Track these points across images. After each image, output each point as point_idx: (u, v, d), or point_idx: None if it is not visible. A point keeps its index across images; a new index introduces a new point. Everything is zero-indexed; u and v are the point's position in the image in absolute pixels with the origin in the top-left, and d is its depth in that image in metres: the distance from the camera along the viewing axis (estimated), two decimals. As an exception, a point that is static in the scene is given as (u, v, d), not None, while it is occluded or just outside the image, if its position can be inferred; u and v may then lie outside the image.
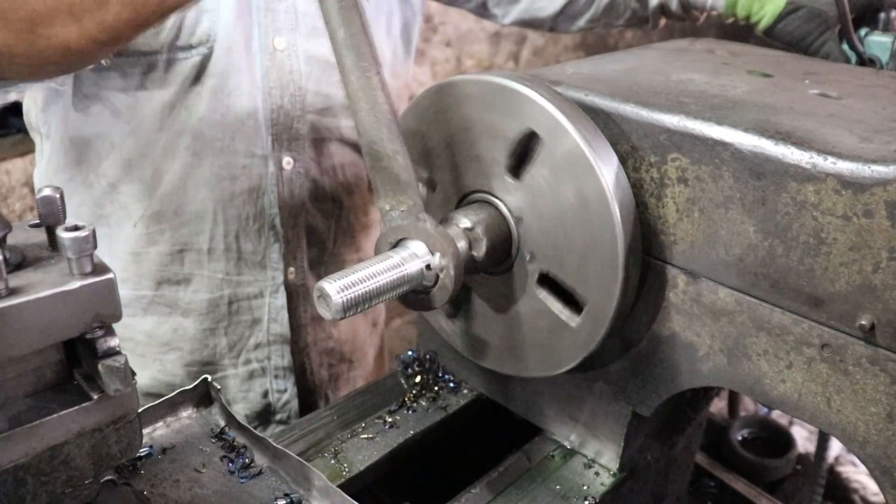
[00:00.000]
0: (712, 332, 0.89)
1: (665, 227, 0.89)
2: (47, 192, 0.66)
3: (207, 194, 1.30)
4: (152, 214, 1.32)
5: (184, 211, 1.32)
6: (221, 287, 1.38)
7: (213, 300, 1.38)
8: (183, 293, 1.38)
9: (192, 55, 1.22)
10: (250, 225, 1.34)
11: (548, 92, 0.88)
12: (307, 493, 0.89)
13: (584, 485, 1.04)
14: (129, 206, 1.32)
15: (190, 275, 1.37)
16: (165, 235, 1.33)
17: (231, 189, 1.31)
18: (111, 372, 0.65)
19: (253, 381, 1.46)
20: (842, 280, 0.77)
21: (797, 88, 0.99)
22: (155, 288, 1.38)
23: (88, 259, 0.62)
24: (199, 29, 1.21)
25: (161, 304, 1.39)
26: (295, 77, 1.30)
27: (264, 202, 1.33)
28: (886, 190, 0.72)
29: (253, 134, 1.28)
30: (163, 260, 1.35)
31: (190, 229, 1.33)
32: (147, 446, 0.95)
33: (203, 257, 1.36)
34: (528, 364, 1.00)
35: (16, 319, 0.60)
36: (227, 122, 1.26)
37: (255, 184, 1.32)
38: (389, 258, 0.81)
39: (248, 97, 1.26)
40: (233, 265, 1.37)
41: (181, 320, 1.40)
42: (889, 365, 0.76)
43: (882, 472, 0.79)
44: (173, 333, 1.40)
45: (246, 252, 1.36)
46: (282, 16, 1.28)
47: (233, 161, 1.29)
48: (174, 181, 1.29)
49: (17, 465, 0.64)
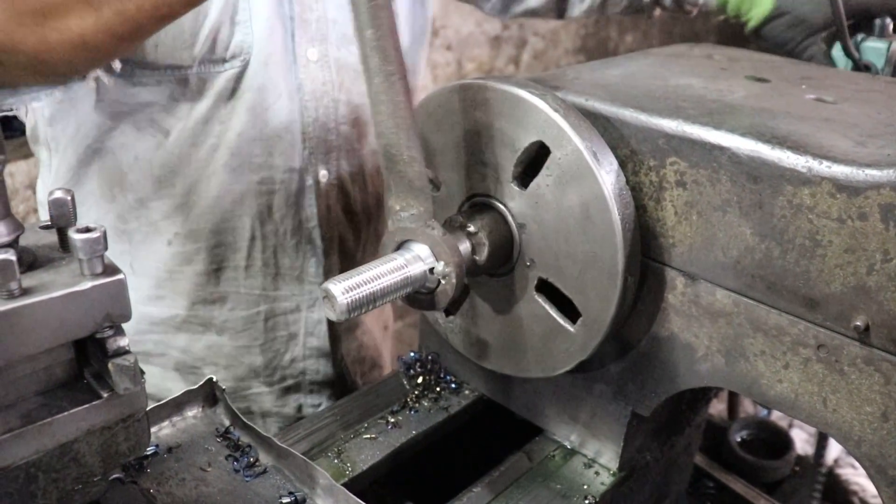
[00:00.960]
0: (710, 333, 0.90)
1: (664, 230, 0.90)
2: (58, 194, 0.67)
3: (246, 211, 1.28)
4: (188, 232, 1.29)
5: (221, 229, 1.29)
6: (258, 303, 1.36)
7: (249, 317, 1.36)
8: (218, 312, 1.35)
9: (226, 69, 1.19)
10: (288, 240, 1.33)
11: (560, 104, 0.88)
12: (311, 492, 0.91)
13: (584, 484, 1.05)
14: (158, 223, 1.29)
15: (226, 293, 1.34)
16: (201, 254, 1.30)
17: (269, 204, 1.29)
18: (121, 371, 0.66)
19: (287, 397, 1.44)
20: (837, 282, 0.78)
21: (794, 93, 1.01)
22: (189, 308, 1.35)
23: (99, 260, 0.63)
24: (234, 42, 1.18)
25: (194, 324, 1.36)
26: (328, 88, 1.28)
27: (302, 216, 1.32)
28: (880, 193, 0.73)
29: (290, 148, 1.26)
30: (198, 280, 1.32)
31: (227, 247, 1.30)
32: (153, 445, 0.96)
33: (240, 275, 1.33)
34: (526, 365, 1.01)
35: (28, 319, 0.61)
36: (265, 136, 1.24)
37: (294, 198, 1.30)
38: (394, 260, 0.82)
39: (286, 110, 1.24)
40: (270, 280, 1.35)
41: (216, 338, 1.37)
42: (883, 365, 0.77)
43: (877, 471, 0.81)
44: (208, 350, 1.38)
45: (284, 267, 1.34)
46: (314, 26, 1.26)
47: (271, 176, 1.27)
48: (210, 198, 1.26)
49: (28, 461, 0.65)
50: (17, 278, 0.60)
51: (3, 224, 0.64)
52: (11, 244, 0.64)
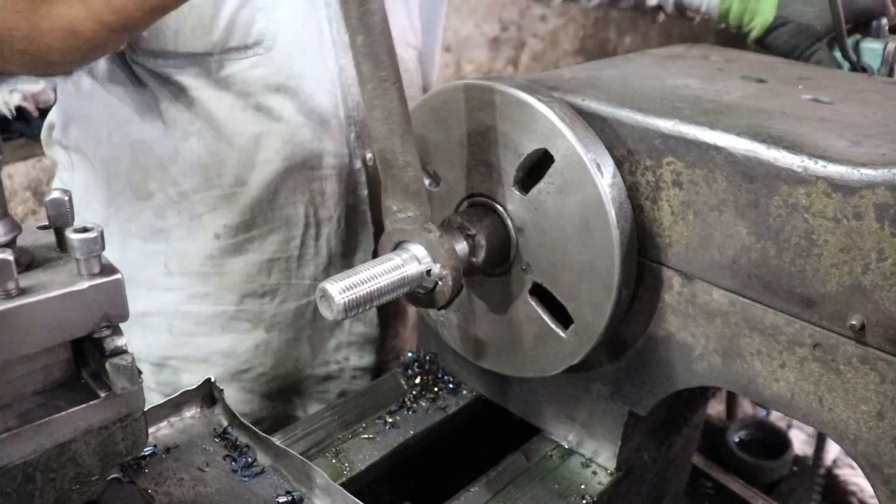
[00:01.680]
0: (707, 332, 0.90)
1: (660, 230, 0.90)
2: (56, 194, 0.67)
3: (299, 198, 1.27)
4: (238, 224, 1.27)
5: (274, 218, 1.27)
6: (308, 293, 1.34)
7: (299, 308, 1.35)
8: (268, 306, 1.33)
9: (248, 55, 1.17)
10: (341, 225, 1.32)
11: (567, 113, 0.89)
12: (309, 492, 0.91)
13: (581, 484, 1.05)
14: (203, 216, 1.26)
15: (277, 285, 1.32)
16: (253, 244, 1.29)
17: (322, 190, 1.28)
18: (118, 370, 0.66)
19: (329, 383, 1.43)
20: (832, 281, 0.78)
21: (790, 94, 1.01)
22: (238, 302, 1.32)
23: (97, 260, 0.64)
24: (255, 29, 1.16)
25: (242, 320, 1.34)
26: None
27: (354, 200, 1.31)
28: (875, 193, 0.73)
29: (338, 132, 1.26)
30: (249, 271, 1.30)
31: (280, 236, 1.29)
32: (151, 446, 0.96)
33: (292, 265, 1.31)
34: (522, 365, 1.01)
35: (26, 318, 0.61)
36: (313, 122, 1.23)
37: (346, 183, 1.29)
38: (391, 260, 0.83)
39: (330, 95, 1.24)
40: (322, 270, 1.33)
41: (264, 336, 1.35)
42: (879, 364, 0.77)
43: (872, 469, 0.81)
44: (255, 350, 1.35)
45: (336, 254, 1.33)
46: None
47: (323, 162, 1.26)
48: (262, 188, 1.24)
49: (26, 461, 0.65)
50: (14, 278, 0.60)
51: (1, 224, 0.64)
52: (9, 244, 0.64)
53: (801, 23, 1.30)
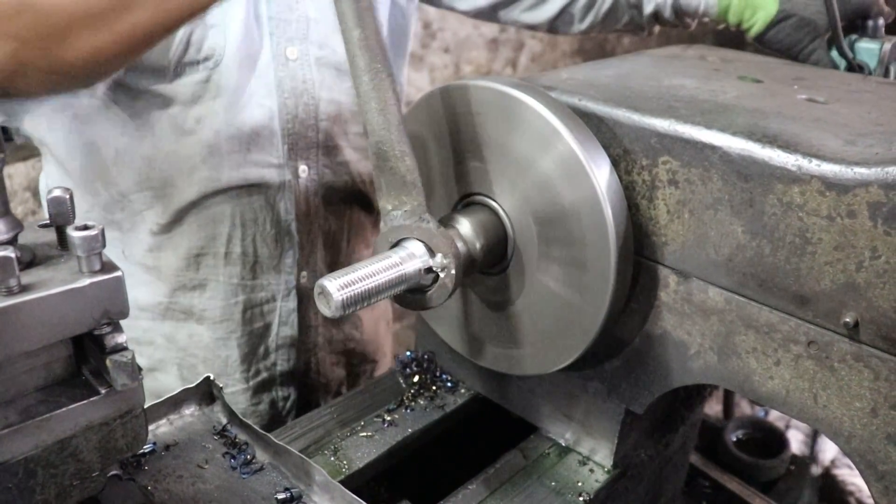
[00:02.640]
0: (703, 330, 0.91)
1: (656, 229, 0.91)
2: (57, 192, 0.68)
3: (225, 200, 1.31)
4: (169, 222, 1.32)
5: (201, 218, 1.32)
6: (237, 293, 1.39)
7: (227, 307, 1.39)
8: (198, 300, 1.39)
9: (199, 70, 1.22)
10: (267, 230, 1.36)
11: (553, 104, 0.89)
12: (308, 488, 0.92)
13: (578, 481, 1.06)
14: (142, 212, 1.32)
15: (205, 280, 1.38)
16: (183, 240, 1.34)
17: (248, 197, 1.32)
18: (118, 367, 0.67)
19: (262, 394, 1.47)
20: (827, 279, 0.79)
21: (786, 93, 1.02)
22: (170, 294, 1.38)
23: (97, 257, 0.64)
24: (206, 44, 1.21)
25: (176, 311, 1.40)
26: (308, 86, 1.31)
27: (280, 209, 1.35)
28: (868, 191, 0.74)
29: (269, 144, 1.30)
30: (179, 265, 1.36)
31: (207, 233, 1.34)
32: (151, 443, 0.97)
33: (219, 262, 1.36)
34: (523, 362, 1.02)
35: (27, 315, 0.62)
36: (243, 133, 1.27)
37: (272, 192, 1.33)
38: (388, 257, 0.83)
39: (264, 108, 1.28)
40: (248, 269, 1.38)
41: (196, 327, 1.40)
42: (872, 361, 0.78)
43: (867, 466, 0.82)
44: (189, 339, 1.41)
45: (262, 257, 1.38)
46: (293, 25, 1.29)
47: (250, 172, 1.30)
48: (191, 191, 1.29)
49: (27, 456, 0.66)
50: (16, 275, 0.61)
51: (3, 222, 0.65)
52: (10, 242, 0.65)
53: (804, 16, 1.31)
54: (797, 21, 1.32)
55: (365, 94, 0.85)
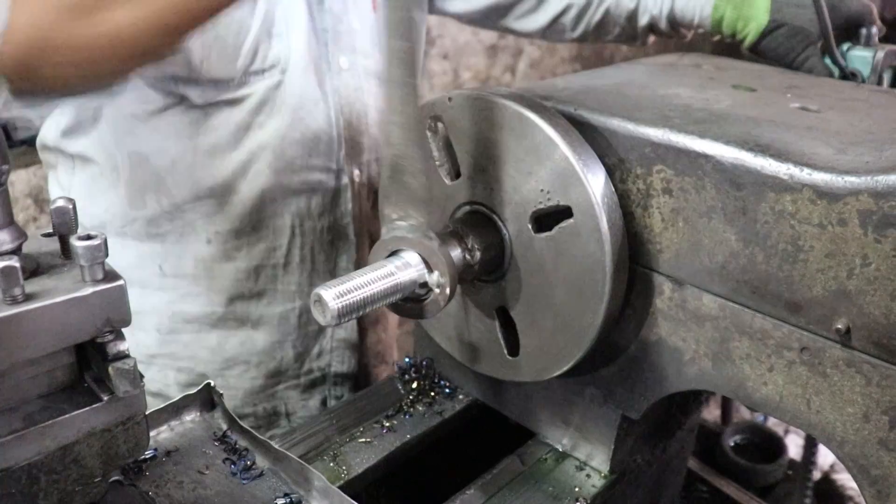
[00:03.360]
0: (697, 337, 0.92)
1: (651, 237, 0.92)
2: (60, 202, 0.69)
3: (287, 209, 1.34)
4: (229, 231, 1.33)
5: (262, 227, 1.34)
6: (293, 299, 1.40)
7: (284, 313, 1.41)
8: (255, 307, 1.40)
9: (265, 78, 1.25)
10: (325, 236, 1.39)
11: (556, 120, 0.91)
12: (307, 494, 0.92)
13: (575, 486, 1.07)
14: (195, 222, 1.32)
15: (264, 289, 1.39)
16: (242, 251, 1.35)
17: (309, 203, 1.35)
18: (121, 374, 0.68)
19: (313, 390, 1.49)
20: (818, 286, 0.80)
21: (779, 102, 1.03)
22: (226, 304, 1.38)
23: (100, 266, 0.65)
24: (272, 54, 1.25)
25: (230, 320, 1.40)
26: (359, 94, 1.36)
27: (338, 214, 1.39)
28: (859, 199, 0.75)
29: (328, 149, 1.33)
30: (237, 276, 1.36)
31: (268, 244, 1.35)
32: (152, 449, 0.98)
33: (279, 272, 1.38)
34: (519, 369, 1.03)
35: (31, 323, 0.63)
36: (305, 139, 1.30)
37: (331, 197, 1.37)
38: (384, 267, 0.84)
39: (324, 115, 1.31)
40: (306, 276, 1.40)
41: (251, 333, 1.41)
42: (864, 367, 0.79)
43: (860, 471, 0.83)
44: (241, 347, 1.41)
45: (319, 263, 1.40)
46: (344, 36, 1.34)
47: (311, 177, 1.33)
48: (252, 199, 1.30)
49: (30, 462, 0.67)
50: (20, 284, 0.62)
51: (7, 231, 0.66)
52: (15, 251, 0.66)
53: (795, 25, 1.33)
54: (789, 30, 1.33)
55: (392, 106, 0.86)
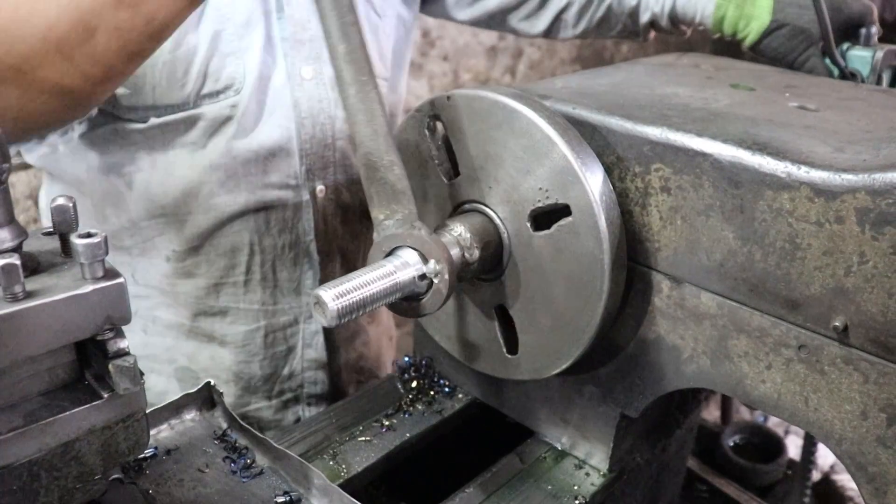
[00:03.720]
0: (696, 335, 0.92)
1: (649, 235, 0.92)
2: (61, 201, 0.69)
3: (244, 227, 1.30)
4: (186, 250, 1.31)
5: (219, 245, 1.31)
6: (258, 318, 1.38)
7: (249, 332, 1.39)
8: (219, 325, 1.38)
9: (219, 100, 1.21)
10: (286, 253, 1.35)
11: (555, 119, 0.91)
12: (307, 492, 0.93)
13: (574, 485, 1.07)
14: (154, 239, 1.31)
15: (226, 308, 1.37)
16: (202, 268, 1.33)
17: (267, 220, 1.31)
18: (121, 372, 0.68)
19: (286, 411, 1.47)
20: (816, 283, 0.80)
21: (777, 101, 1.04)
22: (192, 319, 1.37)
23: (100, 264, 0.66)
24: (225, 73, 1.21)
25: (199, 334, 1.39)
26: (324, 105, 1.31)
27: (299, 230, 1.34)
28: (856, 197, 0.75)
29: (286, 165, 1.29)
30: (199, 293, 1.35)
31: (226, 262, 1.33)
32: (152, 447, 0.98)
33: (239, 290, 1.35)
34: (518, 367, 1.03)
35: (32, 321, 0.63)
36: (260, 156, 1.26)
37: (291, 213, 1.33)
38: (383, 266, 0.84)
39: (281, 129, 1.27)
40: (269, 294, 1.37)
41: (218, 349, 1.40)
42: (862, 364, 0.79)
43: (857, 468, 0.83)
44: (211, 361, 1.40)
45: (282, 280, 1.37)
46: (307, 45, 1.29)
47: (267, 193, 1.29)
48: (208, 217, 1.28)
49: (31, 460, 0.67)
50: (21, 282, 0.62)
51: (8, 229, 0.66)
52: (15, 249, 0.66)
53: (797, 25, 1.32)
54: (791, 30, 1.33)
55: (352, 107, 0.87)
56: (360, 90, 0.86)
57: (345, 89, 0.87)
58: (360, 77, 0.86)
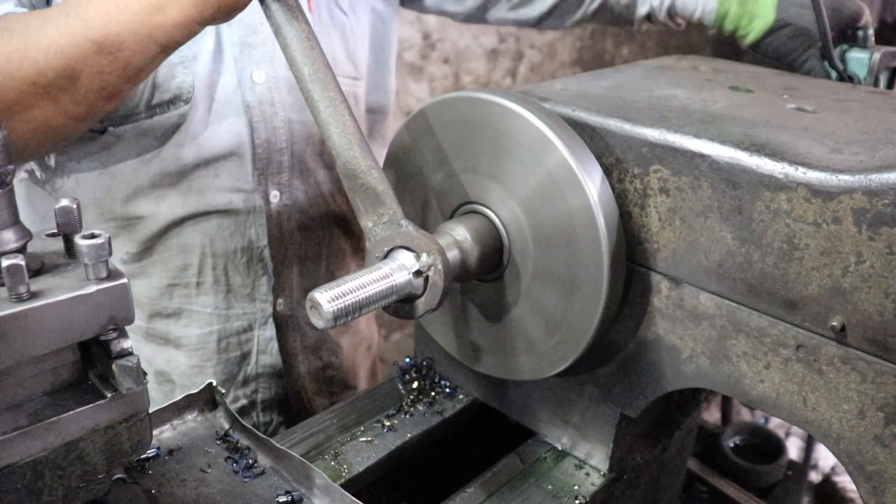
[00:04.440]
0: (694, 335, 0.93)
1: (648, 236, 0.93)
2: (65, 202, 0.70)
3: (194, 229, 1.30)
4: (139, 252, 1.31)
5: (171, 246, 1.31)
6: (211, 322, 1.37)
7: (202, 336, 1.38)
8: (174, 327, 1.38)
9: (170, 110, 1.22)
10: (238, 258, 1.34)
11: (545, 114, 0.92)
12: (308, 492, 0.93)
13: (574, 485, 1.07)
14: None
15: (180, 309, 1.36)
16: (155, 268, 1.33)
17: (218, 224, 1.31)
18: (124, 371, 0.69)
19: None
20: (814, 284, 0.81)
21: (775, 103, 1.04)
22: (147, 320, 1.37)
23: (104, 265, 0.66)
24: (174, 84, 1.21)
25: (155, 336, 1.39)
26: (277, 109, 1.29)
27: (251, 236, 1.33)
28: (853, 198, 0.76)
29: (237, 169, 1.28)
30: (152, 294, 1.35)
31: (178, 264, 1.33)
32: (155, 448, 0.99)
33: (192, 291, 1.35)
34: (519, 368, 1.04)
35: (36, 321, 0.64)
36: (210, 161, 1.26)
37: (242, 218, 1.32)
38: (378, 269, 0.85)
39: (231, 134, 1.26)
40: (222, 298, 1.37)
41: (174, 352, 1.40)
42: (859, 364, 0.80)
43: (855, 467, 0.83)
44: (168, 365, 1.40)
45: (235, 285, 1.36)
46: (259, 49, 1.28)
47: (218, 198, 1.28)
48: (158, 220, 1.28)
49: (35, 459, 0.68)
50: (25, 282, 0.63)
51: (12, 231, 0.67)
52: (20, 250, 0.67)
53: (800, 25, 1.32)
54: (792, 30, 1.33)
55: (324, 123, 0.90)
56: (329, 106, 0.89)
57: (315, 108, 0.90)
58: (328, 94, 0.89)
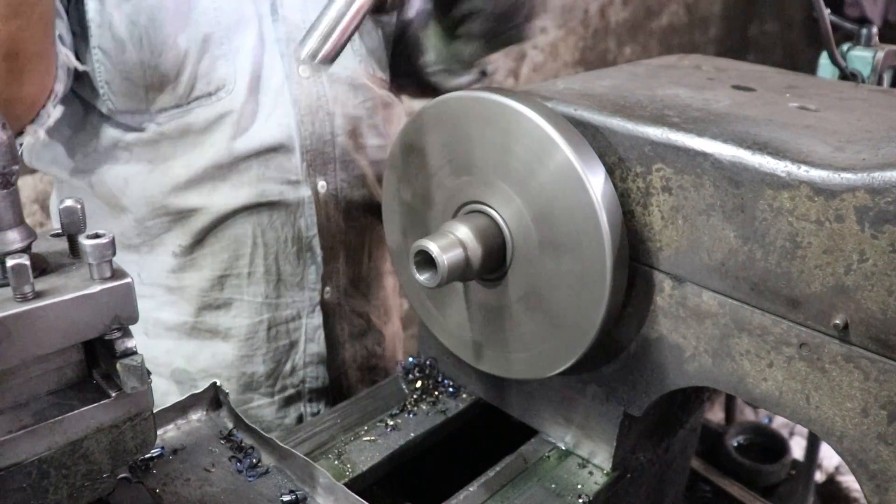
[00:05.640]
0: (697, 333, 0.93)
1: (651, 234, 0.93)
2: (69, 202, 0.70)
3: (246, 220, 1.33)
4: (191, 244, 1.34)
5: (223, 237, 1.34)
6: (261, 311, 1.40)
7: (252, 325, 1.40)
8: (223, 318, 1.40)
9: (212, 101, 1.25)
10: (289, 248, 1.37)
11: (548, 113, 0.92)
12: (312, 491, 0.94)
13: (578, 484, 1.08)
14: (161, 236, 1.33)
15: (230, 300, 1.39)
16: (206, 261, 1.35)
17: (269, 215, 1.34)
18: (129, 371, 0.69)
19: (288, 408, 1.48)
20: (816, 282, 0.81)
21: (778, 102, 1.04)
22: (196, 314, 1.39)
23: (108, 265, 0.67)
24: (216, 76, 1.24)
25: (202, 330, 1.40)
26: (322, 102, 1.34)
27: (301, 226, 1.37)
28: (855, 196, 0.76)
29: (287, 162, 1.32)
30: (203, 286, 1.37)
31: (230, 254, 1.35)
32: (159, 447, 0.99)
33: (243, 281, 1.38)
34: (521, 366, 1.04)
35: (41, 321, 0.64)
36: (262, 153, 1.30)
37: (292, 209, 1.35)
38: None
39: (281, 127, 1.30)
40: (272, 288, 1.39)
41: (221, 345, 1.41)
42: (863, 362, 0.80)
43: (859, 465, 0.83)
44: (212, 359, 1.42)
45: (285, 274, 1.39)
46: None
47: (269, 189, 1.32)
48: (211, 212, 1.31)
49: (40, 458, 0.68)
50: (30, 282, 0.64)
51: (17, 231, 0.67)
52: (25, 250, 0.67)
53: None
54: None
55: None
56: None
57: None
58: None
